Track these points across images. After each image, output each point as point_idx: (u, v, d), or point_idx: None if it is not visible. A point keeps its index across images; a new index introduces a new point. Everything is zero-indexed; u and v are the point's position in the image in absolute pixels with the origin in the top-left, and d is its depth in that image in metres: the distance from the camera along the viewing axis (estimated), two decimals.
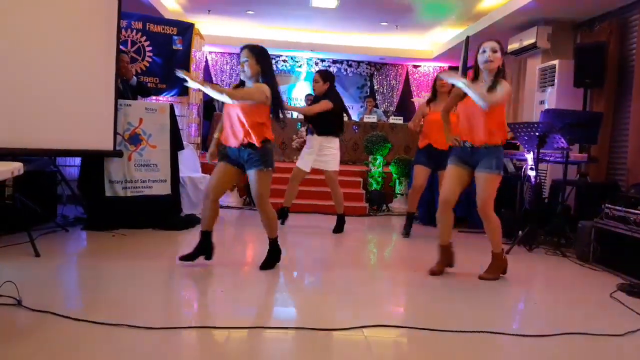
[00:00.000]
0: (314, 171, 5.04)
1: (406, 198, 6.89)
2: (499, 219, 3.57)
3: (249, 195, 6.64)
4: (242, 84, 3.49)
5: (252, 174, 3.37)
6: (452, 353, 2.37)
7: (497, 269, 3.59)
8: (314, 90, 5.07)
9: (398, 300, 3.29)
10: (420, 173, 4.93)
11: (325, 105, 4.80)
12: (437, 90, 4.91)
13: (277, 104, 3.39)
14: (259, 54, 3.38)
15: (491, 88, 3.35)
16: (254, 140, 3.31)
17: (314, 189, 6.48)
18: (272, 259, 3.56)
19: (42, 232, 4.23)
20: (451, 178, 3.55)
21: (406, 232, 5.11)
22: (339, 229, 5.11)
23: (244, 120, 3.29)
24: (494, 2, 7.05)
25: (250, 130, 3.30)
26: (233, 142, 3.38)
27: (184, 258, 3.49)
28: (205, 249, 3.51)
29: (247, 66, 3.33)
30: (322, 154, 4.93)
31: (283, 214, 5.08)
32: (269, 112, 3.40)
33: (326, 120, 4.86)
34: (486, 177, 3.43)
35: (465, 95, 3.44)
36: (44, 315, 2.46)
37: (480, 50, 3.48)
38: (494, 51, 3.40)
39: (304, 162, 4.97)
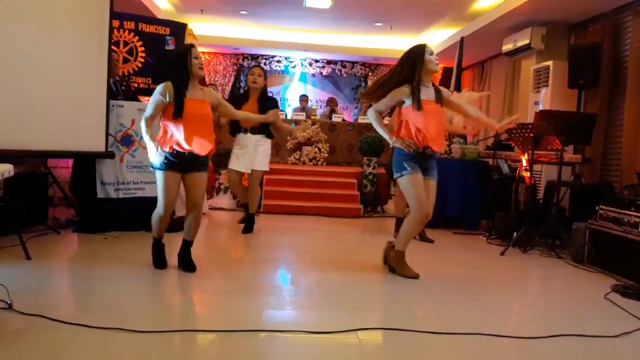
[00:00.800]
0: (311, 173, 5.00)
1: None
2: (494, 220, 3.59)
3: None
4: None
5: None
6: (446, 355, 2.37)
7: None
8: (254, 83, 4.75)
9: (392, 302, 3.27)
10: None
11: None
12: None
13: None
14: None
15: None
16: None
17: (307, 190, 6.46)
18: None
19: (33, 234, 4.19)
20: (423, 188, 3.48)
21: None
22: (249, 228, 4.94)
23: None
24: (488, 3, 7.06)
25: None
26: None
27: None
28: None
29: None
30: (256, 153, 4.80)
31: (250, 219, 4.95)
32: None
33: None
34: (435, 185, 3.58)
35: (419, 100, 3.40)
36: (35, 319, 2.43)
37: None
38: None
39: (240, 163, 4.80)
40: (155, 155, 3.25)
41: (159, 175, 3.31)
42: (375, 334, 2.53)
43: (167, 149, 3.26)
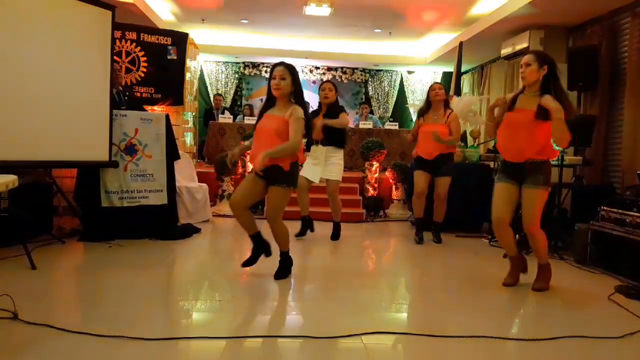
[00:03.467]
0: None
1: (403, 204, 6.91)
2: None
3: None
4: (270, 100, 3.50)
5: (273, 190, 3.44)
6: (451, 358, 2.37)
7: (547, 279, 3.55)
8: (325, 99, 4.86)
9: (396, 306, 3.28)
10: (420, 178, 4.97)
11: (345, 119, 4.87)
12: (432, 99, 4.94)
13: (308, 124, 3.47)
14: (294, 74, 3.44)
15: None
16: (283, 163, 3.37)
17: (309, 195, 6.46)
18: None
19: (38, 244, 4.21)
20: (501, 195, 3.45)
21: (419, 239, 5.07)
22: (336, 235, 5.12)
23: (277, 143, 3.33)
24: (487, 8, 7.09)
25: None
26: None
27: (246, 263, 3.58)
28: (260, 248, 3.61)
29: (284, 84, 3.37)
30: (328, 164, 4.89)
31: (306, 223, 5.13)
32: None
33: (333, 131, 4.80)
34: (535, 192, 3.35)
35: (513, 106, 3.42)
36: (41, 329, 2.44)
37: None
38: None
39: (311, 172, 4.87)
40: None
41: None
42: (379, 338, 2.53)
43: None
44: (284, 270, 3.57)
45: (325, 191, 5.08)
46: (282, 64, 3.41)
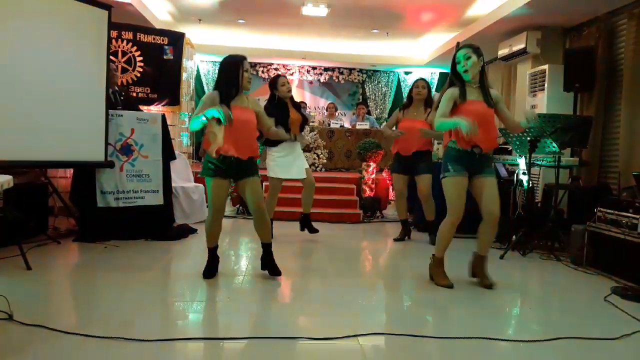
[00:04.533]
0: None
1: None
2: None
3: (242, 204, 6.63)
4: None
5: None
6: None
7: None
8: (289, 92, 4.88)
9: (392, 307, 3.28)
10: (397, 180, 5.08)
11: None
12: (413, 97, 4.97)
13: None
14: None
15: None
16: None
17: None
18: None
19: (34, 244, 4.20)
20: (462, 190, 3.47)
21: (400, 237, 5.18)
22: (312, 227, 5.12)
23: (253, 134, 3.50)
24: (484, 9, 7.10)
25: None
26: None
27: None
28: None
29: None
30: (300, 158, 4.93)
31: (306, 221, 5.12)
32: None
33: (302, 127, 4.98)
34: (494, 181, 3.48)
35: (464, 100, 3.40)
36: (36, 330, 2.43)
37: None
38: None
39: (295, 170, 4.87)
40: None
41: (208, 182, 3.42)
42: (376, 339, 2.53)
43: (213, 155, 3.33)
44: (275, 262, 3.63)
45: (320, 191, 5.10)
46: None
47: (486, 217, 3.48)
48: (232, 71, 3.42)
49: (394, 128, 5.16)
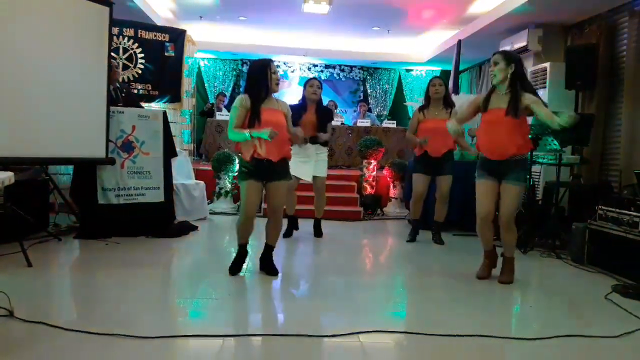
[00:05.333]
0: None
1: (400, 202, 6.90)
2: (494, 222, 3.63)
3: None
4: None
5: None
6: (448, 357, 2.37)
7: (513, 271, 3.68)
8: (314, 95, 4.81)
9: (393, 305, 3.28)
10: (419, 180, 4.91)
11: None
12: (431, 96, 4.88)
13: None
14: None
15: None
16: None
17: (306, 194, 6.45)
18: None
19: (34, 241, 4.20)
20: (485, 193, 3.59)
21: (411, 238, 5.08)
22: (320, 232, 5.15)
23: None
24: (486, 6, 7.08)
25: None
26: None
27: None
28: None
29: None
30: (317, 161, 4.89)
31: (293, 222, 5.11)
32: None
33: (322, 130, 4.85)
34: (512, 188, 3.51)
35: (487, 106, 3.51)
36: (37, 326, 2.44)
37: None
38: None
39: (303, 171, 4.85)
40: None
41: (241, 186, 3.46)
42: (376, 336, 2.53)
43: (247, 158, 3.37)
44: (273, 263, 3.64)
45: (309, 188, 5.09)
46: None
47: (499, 220, 3.62)
48: (261, 74, 3.43)
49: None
